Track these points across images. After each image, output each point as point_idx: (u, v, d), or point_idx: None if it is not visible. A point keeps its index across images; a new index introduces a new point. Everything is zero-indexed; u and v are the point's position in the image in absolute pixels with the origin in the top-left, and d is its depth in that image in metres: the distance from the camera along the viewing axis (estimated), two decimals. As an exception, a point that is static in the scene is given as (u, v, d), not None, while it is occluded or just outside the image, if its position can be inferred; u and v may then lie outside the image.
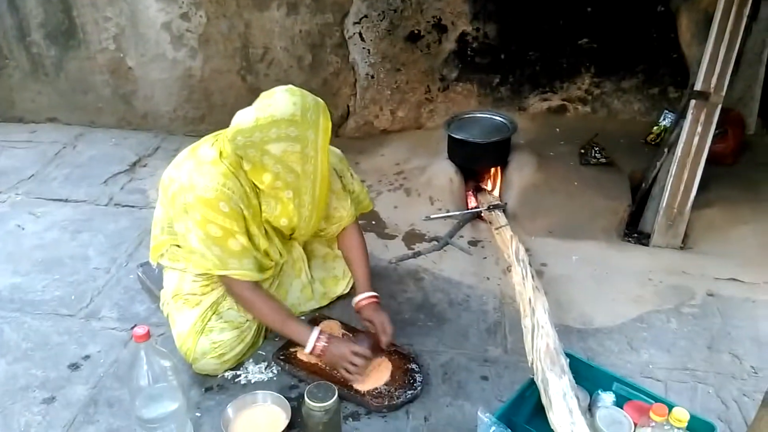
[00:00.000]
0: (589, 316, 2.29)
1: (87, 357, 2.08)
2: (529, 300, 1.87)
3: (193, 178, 1.76)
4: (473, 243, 2.71)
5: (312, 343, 1.88)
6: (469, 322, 2.26)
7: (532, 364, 1.72)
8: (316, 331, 1.91)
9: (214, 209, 1.74)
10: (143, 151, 3.44)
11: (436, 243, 2.40)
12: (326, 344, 1.89)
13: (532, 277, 1.96)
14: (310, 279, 2.23)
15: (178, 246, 1.95)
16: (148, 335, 1.56)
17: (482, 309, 2.33)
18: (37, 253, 2.60)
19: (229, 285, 1.89)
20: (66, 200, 2.99)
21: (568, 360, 1.73)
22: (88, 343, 2.14)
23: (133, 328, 2.18)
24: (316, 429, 1.71)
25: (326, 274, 2.29)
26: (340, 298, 2.32)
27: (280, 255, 2.01)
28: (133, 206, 2.95)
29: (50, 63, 3.50)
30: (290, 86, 1.78)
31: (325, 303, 2.29)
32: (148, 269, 2.29)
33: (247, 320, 2.01)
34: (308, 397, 1.65)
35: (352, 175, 2.19)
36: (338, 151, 2.18)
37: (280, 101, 1.72)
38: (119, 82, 3.52)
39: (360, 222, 2.75)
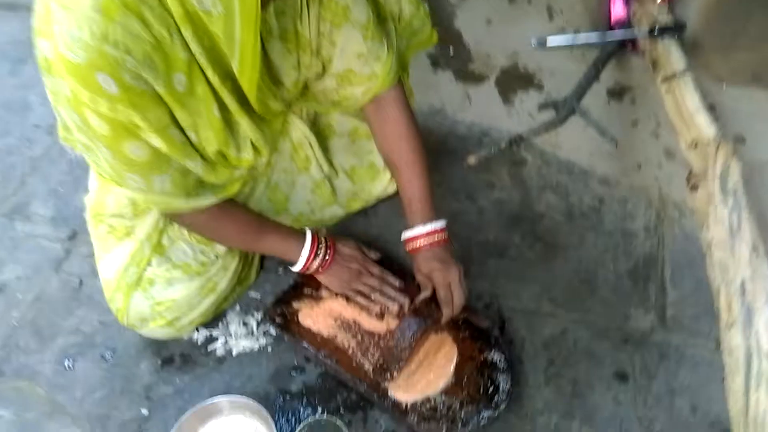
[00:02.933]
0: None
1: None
2: (742, 287, 0.90)
3: (53, 15, 0.79)
4: (616, 93, 1.62)
5: (307, 252, 1.15)
6: (599, 255, 1.33)
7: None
8: (310, 234, 1.17)
9: (89, 86, 0.79)
10: None
11: (553, 111, 1.36)
12: (328, 252, 1.18)
13: (751, 231, 0.95)
14: (328, 171, 1.33)
15: None
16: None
17: (624, 228, 1.37)
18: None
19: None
20: (13, 6, 2.08)
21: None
22: (5, 261, 1.42)
23: (71, 236, 1.44)
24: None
25: (357, 161, 1.37)
26: (384, 202, 1.41)
27: (256, 151, 1.08)
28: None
29: None
30: None
31: (356, 207, 1.40)
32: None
33: (216, 256, 1.19)
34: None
35: (396, -21, 1.13)
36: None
37: None
38: None
39: (430, 51, 1.73)
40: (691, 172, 1.15)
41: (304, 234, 1.16)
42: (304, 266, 1.16)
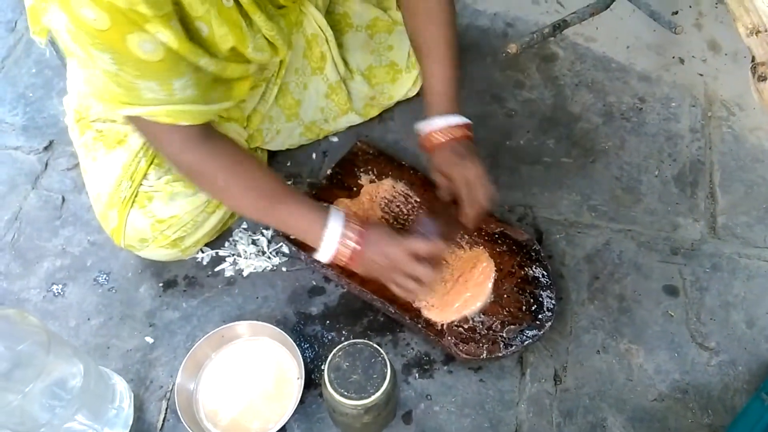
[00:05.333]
0: None
1: (-32, 206, 1.22)
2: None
3: None
4: (654, -21, 1.45)
5: (332, 243, 0.90)
6: (642, 160, 1.21)
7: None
8: (337, 216, 0.91)
9: None
10: None
11: (595, -5, 1.19)
12: (358, 241, 0.90)
13: None
14: (344, 72, 1.16)
15: None
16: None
17: (669, 130, 1.24)
18: None
19: (150, 135, 0.87)
20: None
21: None
22: (-27, 177, 1.26)
23: (47, 147, 1.28)
24: (350, 428, 0.90)
25: (375, 59, 1.19)
26: (402, 104, 1.26)
27: (273, 49, 0.91)
28: None
29: None
30: None
31: (373, 114, 1.25)
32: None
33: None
34: (331, 387, 0.80)
35: None
36: None
37: None
38: None
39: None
40: (755, 61, 1.01)
41: (331, 215, 0.91)
42: (331, 258, 0.92)
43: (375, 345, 0.85)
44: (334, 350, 0.85)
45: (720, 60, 1.31)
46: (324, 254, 0.91)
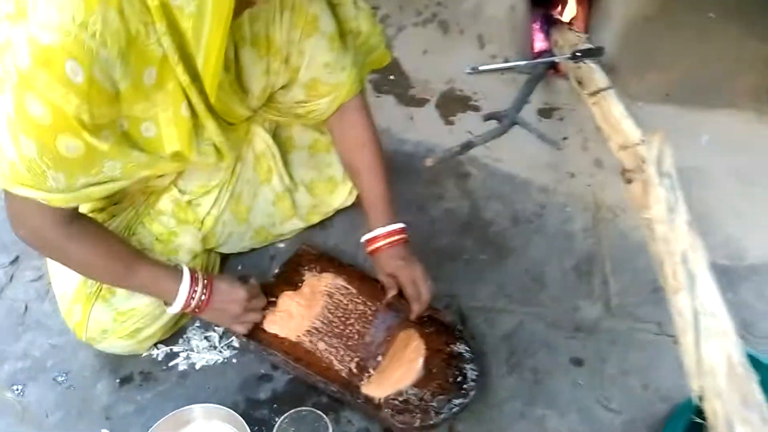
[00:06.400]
0: (737, 242, 1.44)
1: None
2: (683, 257, 1.00)
3: None
4: (545, 113, 1.76)
5: (184, 296, 1.09)
6: (545, 255, 1.42)
7: (701, 398, 0.90)
8: (187, 274, 1.09)
9: (52, 71, 0.78)
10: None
11: (495, 123, 1.47)
12: (206, 293, 1.11)
13: (686, 209, 1.06)
14: (288, 184, 1.36)
15: None
16: None
17: (565, 230, 1.47)
18: None
19: (18, 209, 0.95)
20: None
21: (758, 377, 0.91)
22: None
23: (14, 261, 1.38)
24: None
25: (316, 174, 1.40)
26: (341, 213, 1.46)
27: (219, 155, 1.10)
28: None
29: None
30: None
31: (315, 221, 1.44)
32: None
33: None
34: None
35: (355, 1, 1.21)
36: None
37: None
38: None
39: (371, 77, 1.82)
40: (624, 169, 1.27)
41: (180, 271, 1.09)
42: (181, 308, 1.10)
43: (318, 411, 0.96)
44: (281, 417, 0.95)
45: (603, 173, 1.58)
46: (176, 307, 1.09)
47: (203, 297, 1.10)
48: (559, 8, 1.92)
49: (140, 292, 1.12)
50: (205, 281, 1.11)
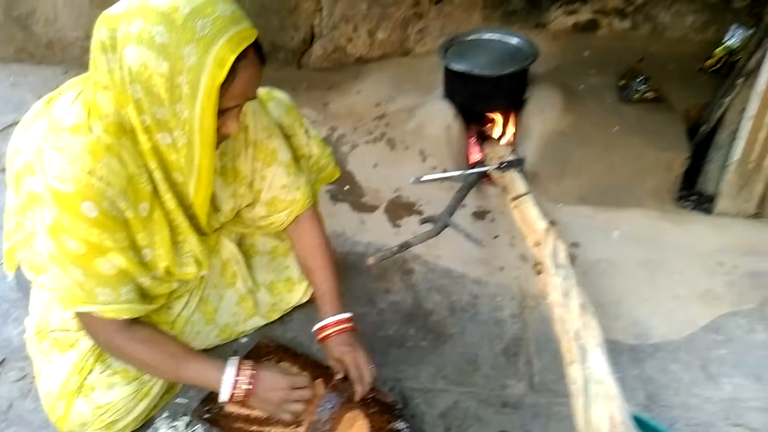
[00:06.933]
0: (644, 324, 1.65)
1: (-75, 417, 1.42)
2: (576, 334, 1.21)
3: (45, 155, 1.04)
4: (479, 215, 2.02)
5: (229, 385, 1.22)
6: (478, 340, 1.61)
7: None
8: (232, 365, 1.24)
9: (73, 212, 1.04)
10: (48, 91, 2.64)
11: (430, 224, 1.71)
12: (251, 382, 1.23)
13: (579, 294, 1.29)
14: (251, 286, 1.55)
15: None
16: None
17: (496, 317, 1.68)
18: None
19: (89, 325, 1.21)
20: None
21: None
22: (-69, 392, 1.48)
23: (1, 363, 1.52)
24: None
25: (276, 276, 1.61)
26: (298, 309, 1.65)
27: (198, 265, 1.31)
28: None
29: None
30: None
31: (275, 317, 1.62)
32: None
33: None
34: None
35: (306, 131, 1.47)
36: (284, 96, 1.46)
37: None
38: (10, 1, 2.69)
39: (328, 188, 2.08)
40: (536, 262, 1.50)
41: (227, 364, 1.24)
42: (228, 397, 1.22)
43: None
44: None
45: (528, 267, 1.81)
46: (224, 395, 1.22)
47: (246, 386, 1.22)
48: (491, 125, 2.23)
49: (192, 383, 1.31)
50: (253, 371, 1.24)
